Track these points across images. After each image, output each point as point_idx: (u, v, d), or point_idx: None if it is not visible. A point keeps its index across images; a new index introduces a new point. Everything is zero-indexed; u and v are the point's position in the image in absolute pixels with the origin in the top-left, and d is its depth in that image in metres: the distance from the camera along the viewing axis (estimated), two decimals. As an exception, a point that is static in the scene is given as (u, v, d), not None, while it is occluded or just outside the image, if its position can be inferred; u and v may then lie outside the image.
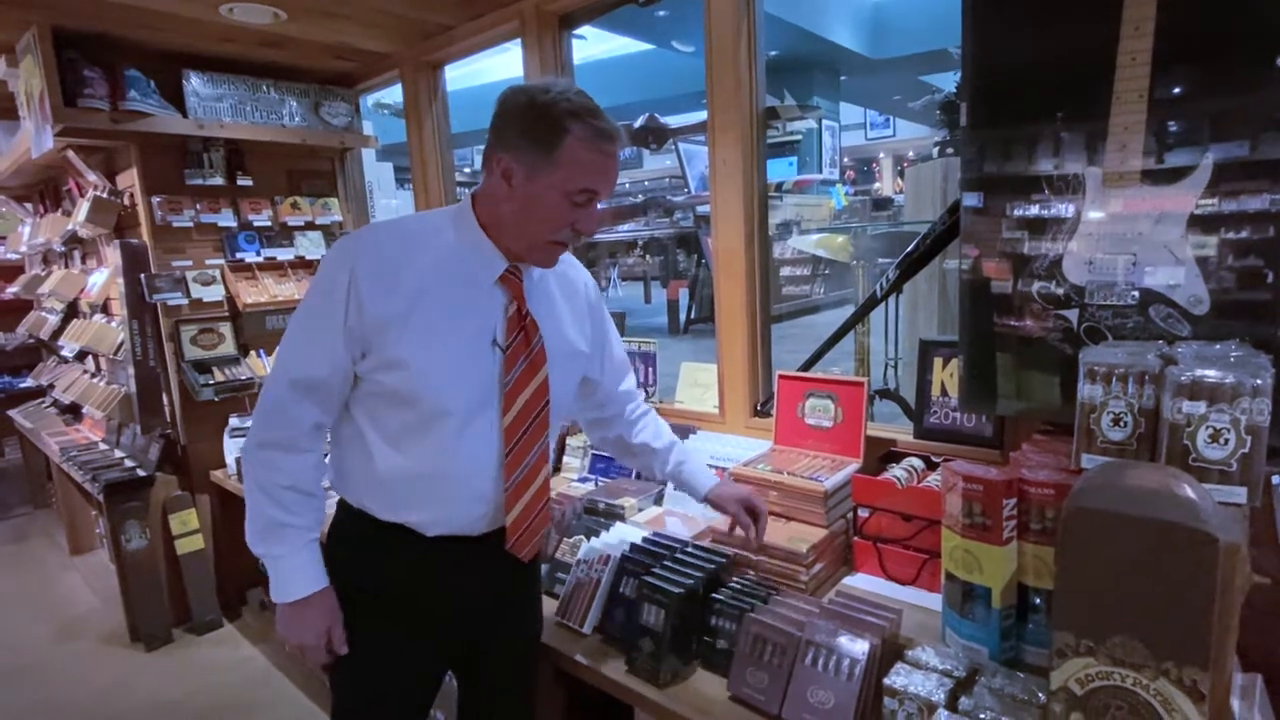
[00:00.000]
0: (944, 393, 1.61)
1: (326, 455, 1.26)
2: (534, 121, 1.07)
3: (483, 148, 1.16)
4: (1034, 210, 1.32)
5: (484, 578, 1.28)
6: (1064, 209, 1.28)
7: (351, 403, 1.18)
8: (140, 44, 2.53)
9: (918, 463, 1.58)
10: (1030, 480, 1.15)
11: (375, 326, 1.09)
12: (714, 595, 1.38)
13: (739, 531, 1.43)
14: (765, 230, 1.92)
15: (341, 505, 1.27)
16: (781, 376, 1.77)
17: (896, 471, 1.52)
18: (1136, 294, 1.23)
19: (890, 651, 1.22)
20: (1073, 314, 1.30)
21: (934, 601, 1.38)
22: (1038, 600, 1.18)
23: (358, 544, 1.24)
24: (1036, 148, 1.30)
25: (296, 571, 1.18)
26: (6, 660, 2.95)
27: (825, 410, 1.69)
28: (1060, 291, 1.31)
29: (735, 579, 1.46)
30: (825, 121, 8.53)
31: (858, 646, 1.17)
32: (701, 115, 2.49)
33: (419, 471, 1.16)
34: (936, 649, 1.17)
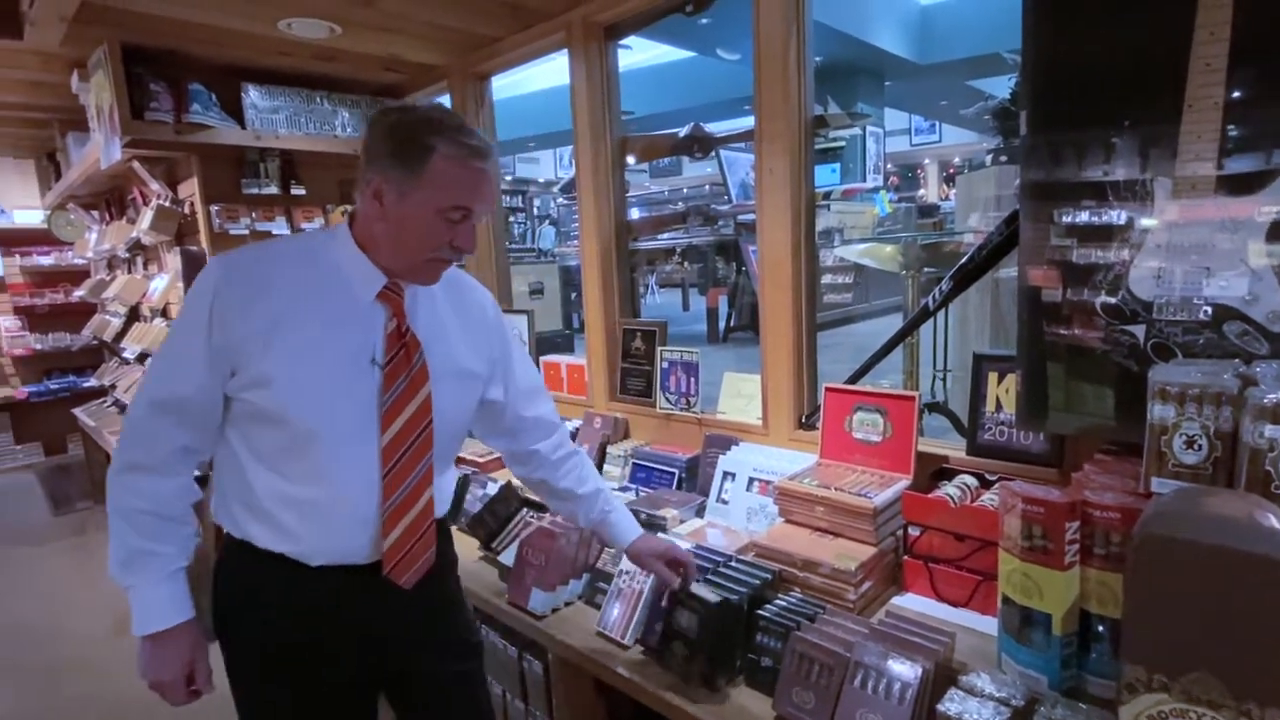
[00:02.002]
0: (998, 408, 1.56)
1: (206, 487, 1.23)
2: (400, 142, 1.06)
3: (522, 155, 1.18)
4: (1097, 220, 1.27)
5: (381, 608, 1.22)
6: (1130, 219, 1.23)
7: (226, 424, 1.14)
8: (203, 59, 2.63)
9: (971, 480, 1.53)
10: (1094, 503, 1.10)
11: (240, 341, 1.07)
12: (758, 612, 1.35)
13: (673, 582, 1.37)
14: (812, 240, 1.89)
15: (227, 546, 1.20)
16: (829, 389, 1.74)
17: (949, 489, 1.48)
18: (1209, 309, 1.18)
19: (943, 676, 1.18)
20: (1139, 329, 1.25)
21: (988, 625, 1.33)
22: (1101, 628, 1.13)
23: (245, 586, 1.19)
24: (1101, 155, 1.25)
25: (156, 602, 1.12)
26: (70, 651, 3.07)
27: (874, 424, 1.65)
28: (1125, 305, 1.26)
29: (780, 595, 1.44)
30: (869, 128, 8.42)
31: (909, 670, 1.14)
32: (742, 121, 2.48)
33: (296, 495, 1.12)
34: (992, 675, 1.13)
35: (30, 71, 2.76)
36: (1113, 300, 1.27)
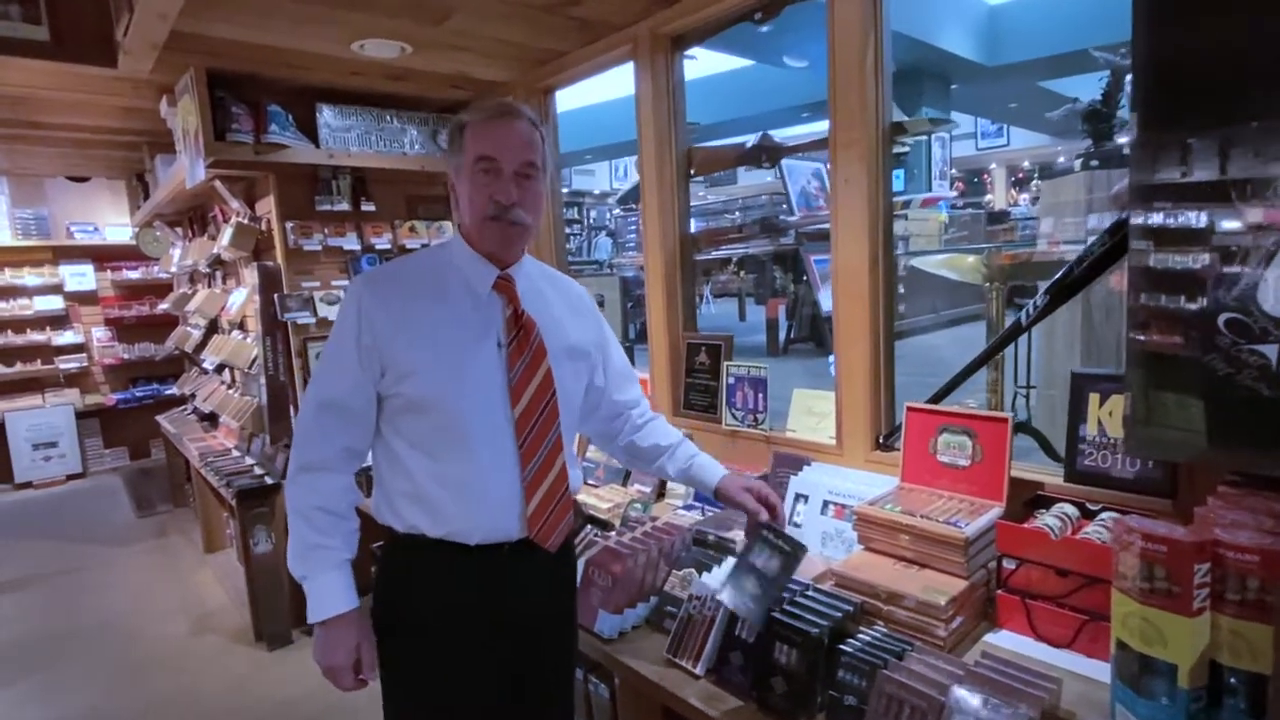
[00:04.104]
0: (1100, 432, 1.45)
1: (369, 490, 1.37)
2: (449, 137, 1.28)
3: (578, 168, 1.34)
4: (1221, 227, 1.16)
5: (529, 588, 1.33)
6: (1258, 224, 1.12)
7: (382, 423, 1.28)
8: (281, 81, 2.72)
9: (1071, 510, 1.42)
10: (1228, 543, 0.99)
11: (385, 341, 1.22)
12: (841, 646, 1.28)
13: (760, 514, 1.39)
14: (890, 251, 1.81)
15: (389, 540, 1.32)
16: (910, 409, 1.65)
17: (1048, 520, 1.37)
18: (1357, 328, 1.05)
19: (1050, 727, 1.09)
20: (1271, 350, 1.13)
21: (1096, 670, 1.23)
22: (1234, 680, 1.01)
23: (408, 580, 1.31)
24: (1227, 155, 1.14)
25: (328, 591, 1.25)
26: (148, 650, 3.20)
27: (961, 447, 1.55)
28: (1254, 323, 1.14)
29: (862, 629, 1.36)
30: (935, 133, 8.18)
31: (1012, 719, 1.05)
32: (805, 129, 2.41)
33: (447, 473, 1.24)
34: (1107, 730, 1.03)
35: (123, 98, 2.91)
36: (1239, 316, 1.15)
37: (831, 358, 2.56)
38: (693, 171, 2.43)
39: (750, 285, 9.64)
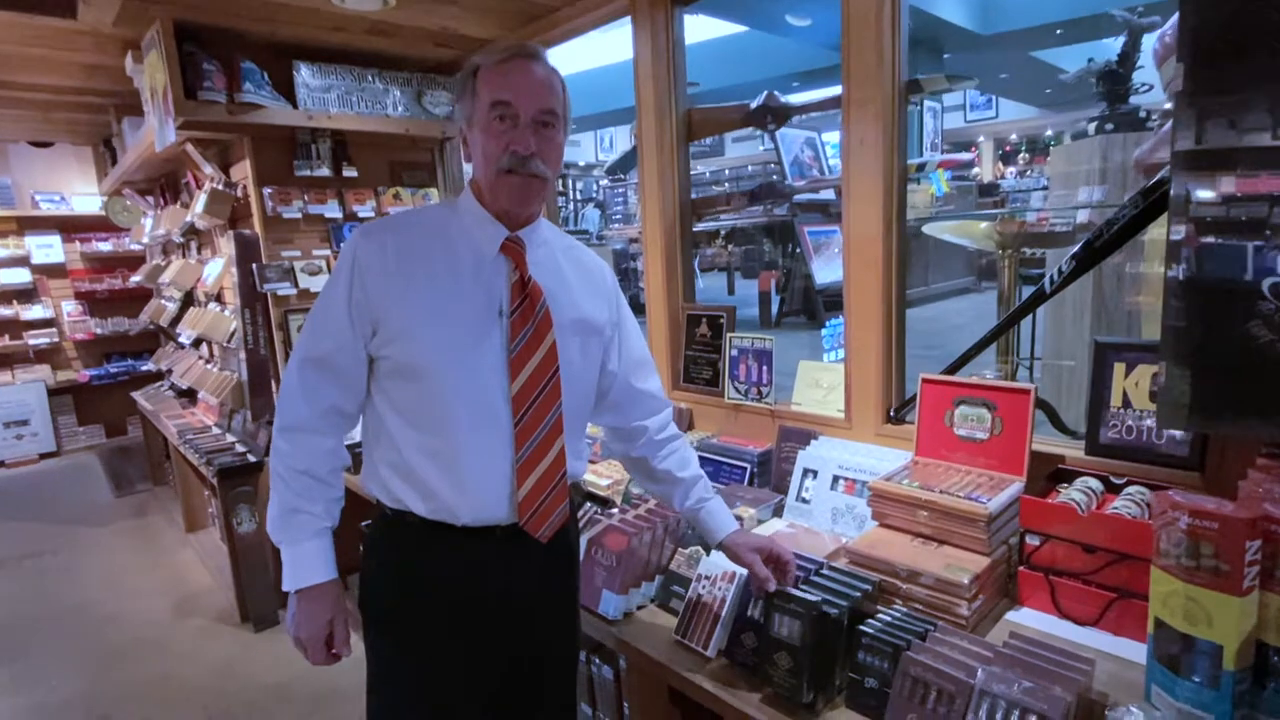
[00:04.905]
0: (1125, 404, 1.40)
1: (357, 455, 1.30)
2: (460, 83, 1.18)
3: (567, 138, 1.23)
4: (1268, 191, 1.09)
5: (522, 573, 1.24)
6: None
7: (371, 386, 1.20)
8: (255, 35, 2.56)
9: (1095, 484, 1.37)
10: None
11: (378, 297, 1.13)
12: (861, 627, 1.23)
13: (768, 583, 1.26)
14: (904, 215, 1.73)
15: (378, 518, 1.25)
16: (925, 380, 1.59)
17: (1073, 494, 1.32)
18: None
19: (1084, 710, 1.04)
20: (1317, 315, 1.07)
21: (1125, 649, 1.19)
22: (1278, 660, 0.97)
23: (395, 560, 1.23)
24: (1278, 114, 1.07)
25: (304, 559, 1.19)
26: (130, 633, 3.10)
27: (980, 420, 1.50)
28: (1299, 287, 1.08)
29: (881, 609, 1.31)
30: (926, 102, 8.05)
31: (1049, 703, 1.00)
32: (799, 99, 2.31)
33: (436, 447, 1.15)
34: (1145, 712, 0.99)
35: (85, 54, 2.74)
36: (1284, 281, 1.09)
37: (825, 330, 2.50)
38: (693, 135, 2.32)
39: (739, 259, 9.54)
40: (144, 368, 5.75)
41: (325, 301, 1.18)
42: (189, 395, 4.15)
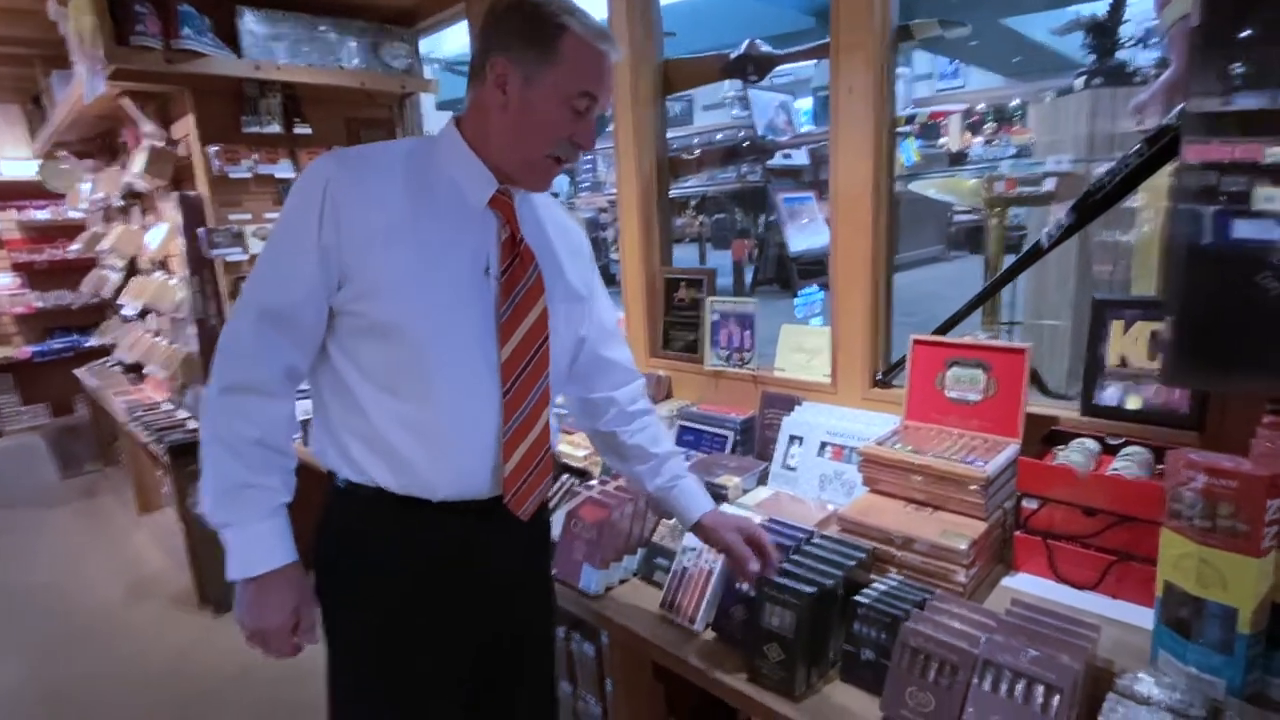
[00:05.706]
0: (1123, 363, 1.35)
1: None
2: (528, 20, 0.98)
3: None
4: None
5: (500, 552, 1.15)
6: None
7: (329, 344, 1.05)
8: (192, -23, 2.36)
9: (1092, 445, 1.33)
10: (1302, 476, 0.90)
11: (354, 244, 0.98)
12: (855, 598, 1.17)
13: (749, 563, 1.17)
14: (892, 172, 1.65)
15: (334, 495, 1.11)
16: (917, 341, 1.53)
17: (1072, 455, 1.28)
18: None
19: (1091, 678, 1.00)
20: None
21: (1125, 612, 1.15)
22: (1291, 624, 0.94)
23: (359, 538, 1.10)
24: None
25: (260, 541, 1.03)
26: (80, 620, 2.95)
27: (973, 381, 1.44)
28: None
29: (875, 578, 1.25)
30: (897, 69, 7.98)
31: (1057, 671, 0.95)
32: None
33: (413, 416, 1.03)
34: (1155, 678, 0.95)
35: (2, -4, 2.51)
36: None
37: (797, 300, 2.43)
38: (670, 88, 2.21)
39: (710, 229, 9.43)
40: (89, 343, 5.45)
41: (288, 240, 1.00)
42: (136, 370, 3.94)
